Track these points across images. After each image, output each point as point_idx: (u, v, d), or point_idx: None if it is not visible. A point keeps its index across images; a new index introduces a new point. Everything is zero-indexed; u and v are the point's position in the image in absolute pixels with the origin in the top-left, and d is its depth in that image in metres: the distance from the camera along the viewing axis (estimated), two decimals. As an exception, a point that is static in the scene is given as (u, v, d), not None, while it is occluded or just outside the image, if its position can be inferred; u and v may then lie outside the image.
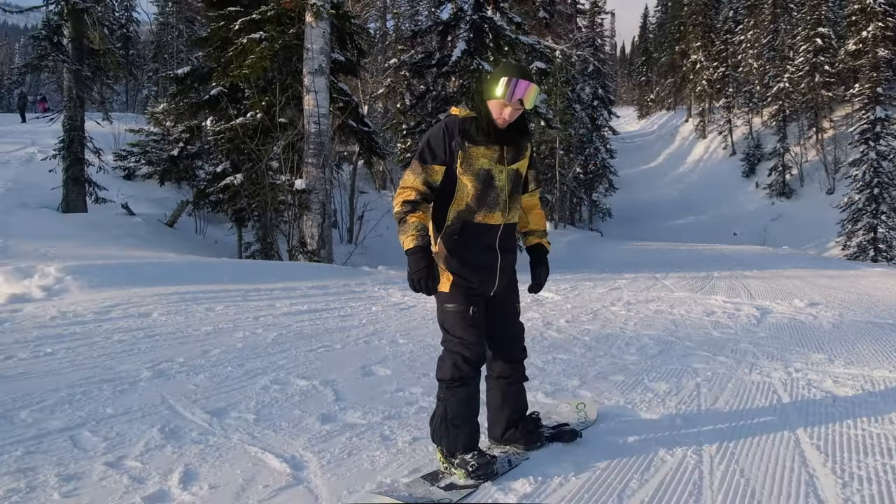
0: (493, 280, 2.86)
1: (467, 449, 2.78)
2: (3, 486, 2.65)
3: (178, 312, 6.36)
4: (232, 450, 3.07)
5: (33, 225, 11.67)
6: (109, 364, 4.58)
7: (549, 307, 7.39)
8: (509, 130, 2.80)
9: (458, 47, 14.08)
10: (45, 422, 3.41)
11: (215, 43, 12.30)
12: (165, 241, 12.97)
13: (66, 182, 13.95)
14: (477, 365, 2.82)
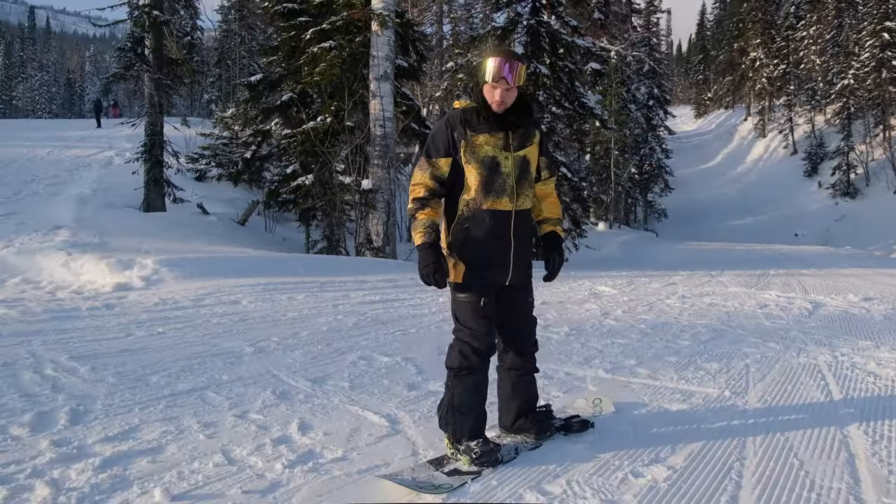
0: (506, 269, 2.85)
1: (473, 436, 2.85)
2: (158, 429, 3.24)
3: (265, 301, 6.99)
4: (335, 409, 3.60)
5: (121, 223, 12.58)
6: (214, 342, 5.20)
7: (605, 299, 7.77)
8: (511, 115, 2.80)
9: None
10: (175, 385, 4.01)
11: (285, 51, 13.02)
12: (239, 237, 13.77)
13: (148, 183, 14.91)
14: (485, 355, 2.88)
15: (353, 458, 2.93)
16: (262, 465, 2.83)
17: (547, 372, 4.37)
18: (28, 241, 10.01)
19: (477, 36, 16.43)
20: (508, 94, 2.74)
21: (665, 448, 3.00)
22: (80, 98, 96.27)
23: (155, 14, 14.59)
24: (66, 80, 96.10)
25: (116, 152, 22.72)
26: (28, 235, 10.48)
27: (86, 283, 7.86)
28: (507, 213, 2.81)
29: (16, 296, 7.10)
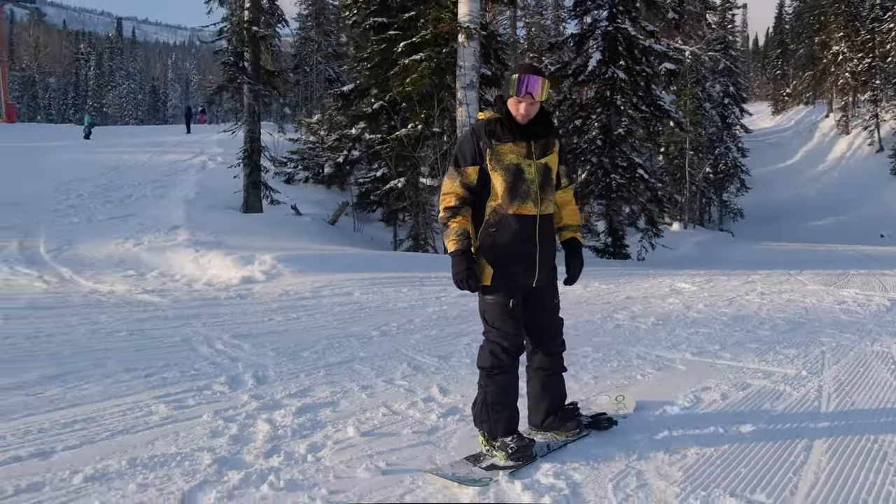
0: (532, 271, 2.97)
1: (507, 432, 2.96)
2: (327, 390, 4.03)
3: (374, 293, 7.81)
4: (464, 379, 4.31)
5: (228, 223, 13.73)
6: (343, 326, 6.02)
7: (686, 295, 8.26)
8: (533, 126, 2.96)
9: (593, 57, 15.00)
10: (325, 358, 4.82)
11: (376, 62, 13.92)
12: (331, 236, 14.77)
13: (247, 186, 16.10)
14: (515, 354, 2.99)
15: (489, 412, 3.65)
16: (420, 416, 3.57)
17: (640, 354, 5.00)
18: (155, 240, 11.20)
19: (555, 42, 16.98)
20: (532, 107, 2.90)
21: (749, 412, 3.59)
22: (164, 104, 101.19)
23: (255, 30, 15.78)
24: (151, 88, 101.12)
25: (209, 157, 24.24)
26: (153, 234, 11.69)
27: (213, 276, 8.88)
28: (532, 218, 2.93)
29: (159, 287, 8.16)
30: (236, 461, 2.94)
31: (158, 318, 6.23)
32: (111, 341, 5.24)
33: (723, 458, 2.99)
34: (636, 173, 14.77)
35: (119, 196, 16.73)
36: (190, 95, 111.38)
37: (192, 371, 4.39)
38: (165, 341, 5.26)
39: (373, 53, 13.97)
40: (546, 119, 3.02)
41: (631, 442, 3.18)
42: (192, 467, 2.85)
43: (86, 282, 8.38)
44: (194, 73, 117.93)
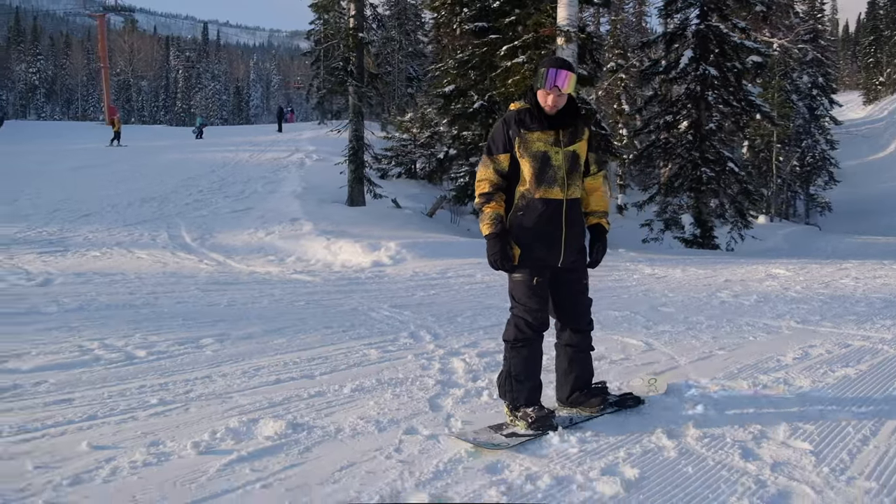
0: (557, 251, 3.13)
1: (529, 403, 3.14)
2: (491, 344, 4.97)
3: (493, 275, 8.74)
4: (600, 338, 5.18)
5: (340, 215, 14.99)
6: (478, 300, 6.98)
7: (782, 279, 8.86)
8: (561, 116, 3.12)
9: (684, 55, 15.51)
10: (477, 322, 5.78)
11: (476, 65, 14.86)
12: (432, 227, 15.84)
13: (352, 181, 17.36)
14: (538, 329, 3.16)
15: (632, 359, 4.52)
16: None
17: (748, 322, 5.76)
18: (283, 230, 12.51)
19: (647, 41, 17.52)
20: (560, 99, 3.06)
21: (853, 362, 4.35)
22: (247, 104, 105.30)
23: (360, 36, 17.00)
24: (235, 88, 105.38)
25: (305, 154, 25.80)
26: (279, 225, 13.01)
27: (345, 261, 10.03)
28: (559, 202, 3.10)
29: (304, 269, 9.35)
30: (451, 382, 3.93)
31: (322, 292, 7.36)
32: (296, 308, 6.37)
33: (834, 388, 3.79)
34: (726, 167, 15.20)
35: (234, 191, 18.26)
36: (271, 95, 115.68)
37: (377, 329, 5.43)
38: (339, 309, 6.34)
39: (472, 56, 14.90)
40: (574, 109, 3.17)
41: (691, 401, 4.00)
42: (422, 386, 3.85)
43: (238, 265, 9.66)
44: (274, 73, 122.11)
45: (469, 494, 2.51)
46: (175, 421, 3.28)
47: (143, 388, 3.77)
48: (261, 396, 3.64)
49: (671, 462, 2.83)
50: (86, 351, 4.50)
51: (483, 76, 14.58)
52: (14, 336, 4.88)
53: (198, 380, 3.95)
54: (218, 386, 3.84)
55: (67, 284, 7.38)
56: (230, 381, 3.94)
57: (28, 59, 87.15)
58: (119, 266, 8.97)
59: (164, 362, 4.33)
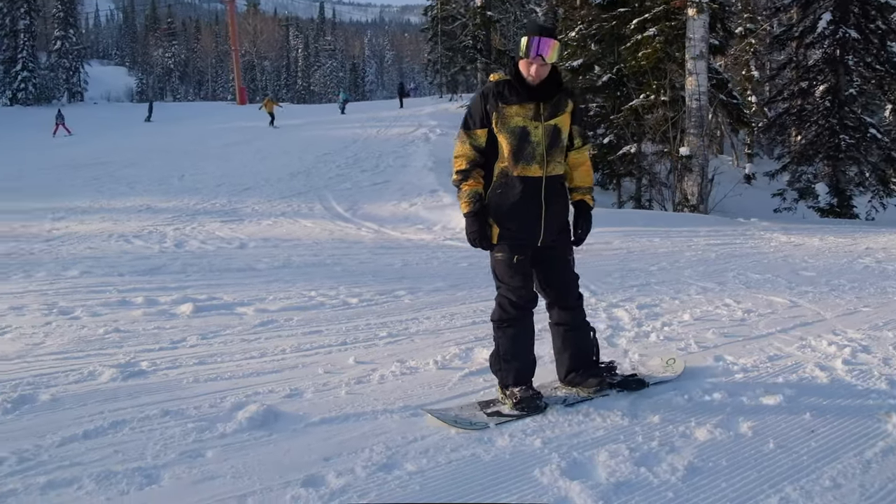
0: (537, 230, 3.05)
1: (517, 382, 3.09)
2: (646, 298, 5.61)
3: (631, 241, 9.29)
4: (746, 295, 5.69)
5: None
6: (622, 263, 7.58)
7: None
8: (543, 87, 2.99)
9: (822, 18, 15.10)
10: (627, 282, 6.40)
11: (605, 38, 15.18)
12: (559, 199, 16.41)
13: (480, 155, 18.18)
14: (522, 307, 3.08)
15: (778, 313, 5.04)
16: (728, 312, 5.05)
17: (892, 286, 6.05)
18: (425, 201, 13.50)
19: (780, 5, 17.10)
20: (543, 69, 2.94)
21: None
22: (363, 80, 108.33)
23: (488, 14, 17.66)
24: (351, 65, 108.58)
25: (428, 129, 26.80)
26: (419, 197, 14.01)
27: (487, 229, 10.85)
28: (538, 179, 3.01)
29: (451, 237, 10.24)
30: (620, 327, 4.63)
31: (477, 257, 8.19)
32: (462, 269, 7.25)
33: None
34: (867, 133, 14.75)
35: (369, 166, 19.45)
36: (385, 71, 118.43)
37: (540, 285, 6.19)
38: (499, 269, 7.15)
39: (599, 30, 15.22)
40: (556, 80, 3.04)
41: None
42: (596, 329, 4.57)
43: (393, 232, 10.69)
44: (388, 48, 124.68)
45: (655, 404, 3.22)
46: (408, 347, 4.18)
47: (370, 325, 4.73)
48: (466, 333, 4.50)
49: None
50: (310, 298, 5.55)
51: (609, 50, 14.89)
52: (247, 286, 6.03)
53: (409, 321, 4.86)
54: (428, 325, 4.73)
55: (260, 248, 8.63)
56: (436, 322, 4.83)
57: (164, 45, 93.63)
58: (293, 233, 10.22)
59: (375, 308, 5.28)
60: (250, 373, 3.66)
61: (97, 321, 4.74)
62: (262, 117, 30.97)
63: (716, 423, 2.92)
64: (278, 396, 3.29)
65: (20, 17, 55.40)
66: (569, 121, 3.09)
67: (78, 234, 9.64)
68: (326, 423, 2.98)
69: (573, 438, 2.81)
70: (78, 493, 2.36)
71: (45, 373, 3.61)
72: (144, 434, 2.84)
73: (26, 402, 3.20)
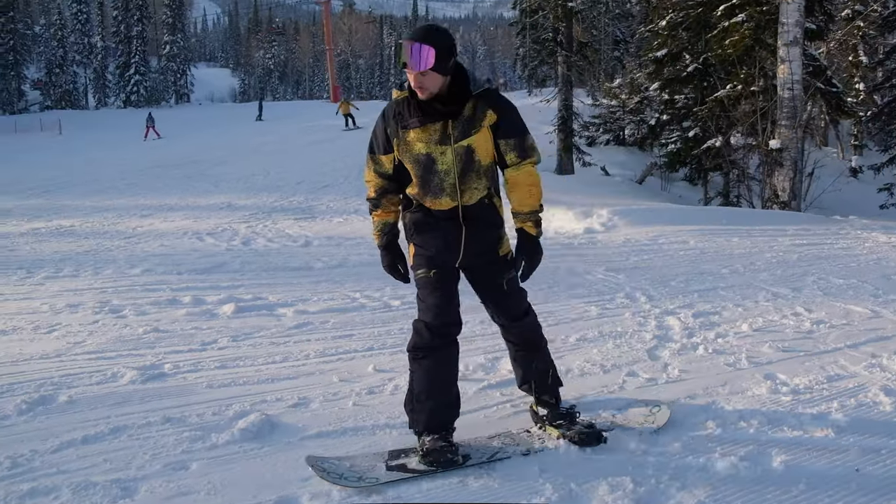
0: (456, 250, 2.65)
1: (429, 429, 2.57)
2: (706, 305, 5.21)
3: (708, 241, 8.74)
4: (823, 303, 5.18)
5: (550, 182, 15.42)
6: (692, 265, 7.11)
7: None
8: (446, 102, 2.50)
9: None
10: (691, 286, 5.98)
11: (686, 24, 14.44)
12: (642, 195, 15.78)
13: (561, 150, 17.74)
14: (439, 332, 2.62)
15: (853, 325, 4.54)
16: (795, 323, 4.60)
17: None
18: (498, 198, 13.29)
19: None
20: (426, 79, 2.43)
21: None
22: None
23: (569, 6, 17.17)
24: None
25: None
26: (493, 193, 13.82)
27: (559, 227, 10.51)
28: (452, 210, 2.62)
29: (519, 234, 9.99)
30: (668, 337, 4.30)
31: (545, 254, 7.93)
32: (518, 269, 7.00)
33: None
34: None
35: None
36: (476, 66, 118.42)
37: (595, 289, 5.89)
38: (558, 270, 6.84)
39: (686, 17, 14.48)
40: (462, 91, 2.52)
41: None
42: (640, 339, 4.27)
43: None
44: (479, 44, 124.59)
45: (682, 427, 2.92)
46: (434, 355, 4.02)
47: (403, 330, 4.59)
48: (499, 341, 4.25)
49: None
50: (353, 299, 5.49)
51: (697, 37, 14.14)
52: (297, 286, 6.05)
53: (445, 325, 4.70)
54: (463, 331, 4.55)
55: (322, 246, 8.70)
56: (471, 328, 4.62)
57: (265, 46, 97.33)
58: (359, 231, 10.25)
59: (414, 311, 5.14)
60: (265, 379, 3.61)
61: (140, 321, 4.85)
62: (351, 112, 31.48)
63: (743, 456, 2.60)
64: (284, 405, 3.22)
65: (133, 24, 58.98)
66: (488, 137, 2.56)
67: (157, 232, 10.04)
68: (322, 436, 2.88)
69: (576, 466, 2.57)
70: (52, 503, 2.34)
71: (73, 373, 3.69)
72: (139, 442, 2.82)
73: (44, 402, 3.27)
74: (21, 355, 4.08)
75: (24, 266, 7.31)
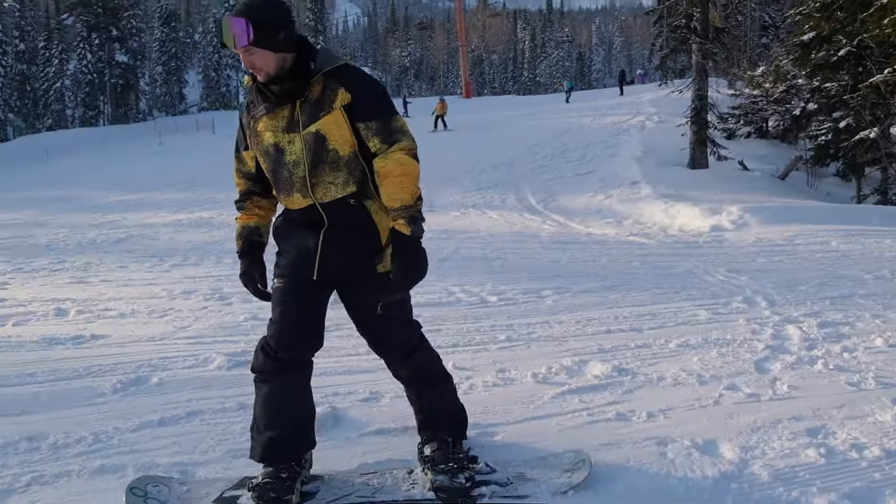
0: (311, 261, 2.28)
1: (264, 459, 2.29)
2: (837, 315, 4.65)
3: (854, 243, 7.87)
4: None
5: (680, 178, 14.68)
6: (829, 269, 6.41)
7: None
8: (290, 82, 2.19)
9: None
10: (823, 292, 5.36)
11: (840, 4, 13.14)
12: (782, 191, 14.59)
13: (694, 143, 16.77)
14: (275, 354, 2.29)
15: None
16: None
17: None
18: (621, 193, 12.77)
19: None
20: (255, 58, 2.13)
21: None
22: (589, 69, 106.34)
23: (705, -11, 16.16)
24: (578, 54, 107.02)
25: (646, 117, 25.49)
26: (618, 189, 13.29)
27: (683, 224, 9.92)
28: (309, 209, 2.28)
29: (639, 231, 9.52)
30: (783, 349, 3.86)
31: (656, 254, 7.50)
32: (630, 268, 6.65)
33: None
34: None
35: (576, 156, 18.95)
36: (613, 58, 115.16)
37: (709, 292, 5.44)
38: (672, 270, 6.44)
39: (845, -2, 13.20)
40: (304, 69, 2.20)
41: None
42: (750, 349, 3.86)
43: (577, 226, 10.22)
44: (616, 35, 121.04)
45: (779, 453, 2.58)
46: (518, 355, 3.85)
47: (494, 327, 4.46)
48: (592, 342, 4.04)
49: None
50: (451, 293, 5.41)
51: (852, 18, 12.84)
52: (397, 279, 6.05)
53: (538, 324, 4.51)
54: (555, 331, 4.35)
55: (435, 239, 8.68)
56: (566, 327, 4.42)
57: (401, 45, 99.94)
58: (474, 225, 10.21)
59: (511, 308, 4.99)
60: (343, 370, 3.60)
61: (244, 308, 5.02)
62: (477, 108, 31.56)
63: (847, 493, 2.24)
64: (354, 399, 3.18)
65: (280, 28, 62.52)
66: (342, 121, 2.20)
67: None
68: (381, 434, 2.81)
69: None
70: (118, 481, 2.42)
71: (170, 356, 3.87)
72: (209, 427, 2.88)
73: (137, 383, 3.43)
74: (131, 337, 4.34)
75: (158, 254, 7.87)
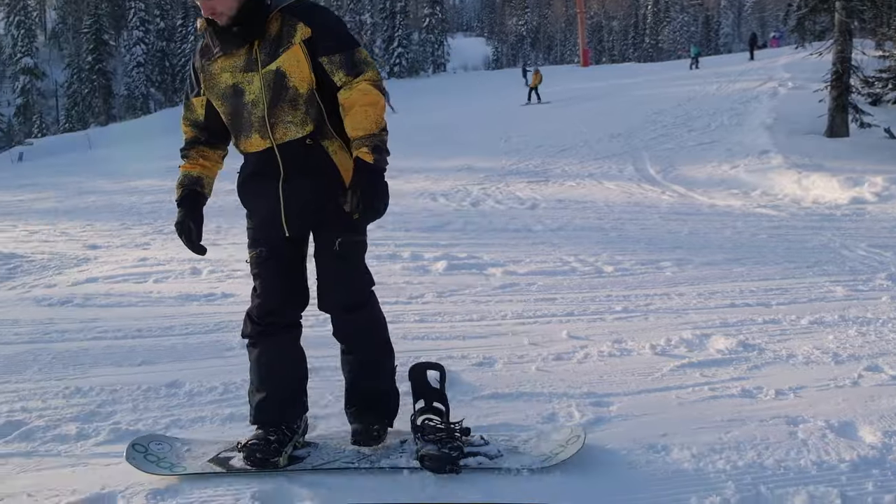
0: (277, 216, 2.23)
1: (256, 420, 2.34)
2: None
3: None
4: None
5: (815, 147, 13.63)
6: None
7: None
8: (247, 19, 2.13)
9: None
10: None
11: None
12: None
13: (833, 110, 15.50)
14: (258, 320, 2.32)
15: None
16: None
17: None
18: (749, 163, 12.04)
19: None
20: (218, 3, 2.09)
21: None
22: (716, 34, 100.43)
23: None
24: (704, 18, 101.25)
25: (779, 82, 23.78)
26: (745, 158, 12.54)
27: (818, 196, 9.23)
28: (266, 152, 2.22)
29: (768, 203, 8.95)
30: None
31: (787, 227, 7.04)
32: (758, 241, 6.27)
33: None
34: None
35: (699, 125, 18.04)
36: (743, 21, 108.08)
37: (848, 267, 5.05)
38: (806, 244, 6.02)
39: None
40: (257, 6, 2.14)
41: None
42: (895, 328, 3.55)
43: (700, 197, 9.74)
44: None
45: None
46: (635, 326, 3.74)
47: (610, 297, 4.35)
48: (714, 316, 3.86)
49: None
50: (565, 263, 5.33)
51: None
52: (513, 247, 6.03)
53: (656, 296, 4.36)
54: (674, 303, 4.18)
55: (549, 209, 8.59)
56: (686, 300, 4.24)
57: (518, 13, 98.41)
58: (590, 195, 9.96)
59: (628, 278, 4.85)
60: (457, 335, 3.63)
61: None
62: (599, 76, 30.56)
63: None
64: (467, 363, 3.19)
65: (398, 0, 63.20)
66: (301, 57, 2.15)
67: (399, 192, 10.67)
68: (496, 398, 2.80)
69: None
70: (246, 429, 2.56)
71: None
72: (328, 384, 2.98)
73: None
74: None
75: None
